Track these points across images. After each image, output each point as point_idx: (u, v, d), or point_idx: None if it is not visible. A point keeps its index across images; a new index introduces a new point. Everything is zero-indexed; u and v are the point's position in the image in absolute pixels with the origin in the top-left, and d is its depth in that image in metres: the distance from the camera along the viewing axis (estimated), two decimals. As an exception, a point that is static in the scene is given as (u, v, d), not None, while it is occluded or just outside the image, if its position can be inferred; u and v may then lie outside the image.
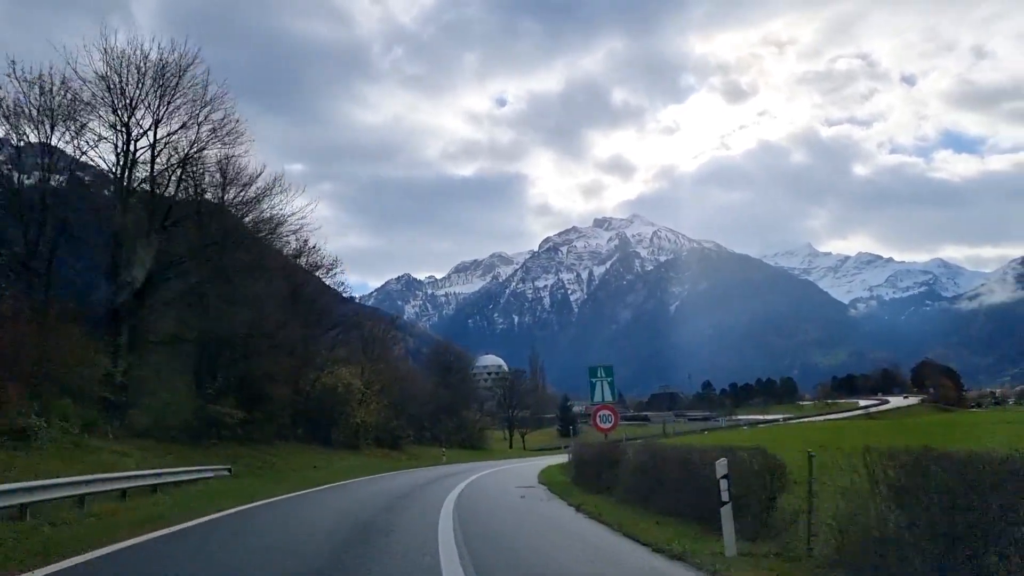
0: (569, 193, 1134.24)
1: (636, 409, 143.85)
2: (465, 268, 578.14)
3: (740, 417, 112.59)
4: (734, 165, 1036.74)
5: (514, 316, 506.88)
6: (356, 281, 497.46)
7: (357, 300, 75.44)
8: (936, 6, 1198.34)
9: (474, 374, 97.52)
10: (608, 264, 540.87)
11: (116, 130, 24.17)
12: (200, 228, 27.43)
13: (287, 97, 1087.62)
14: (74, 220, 24.52)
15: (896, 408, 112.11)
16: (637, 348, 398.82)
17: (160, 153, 24.79)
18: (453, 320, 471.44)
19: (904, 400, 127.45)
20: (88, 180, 26.45)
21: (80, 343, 21.23)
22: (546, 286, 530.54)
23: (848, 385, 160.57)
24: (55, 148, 23.72)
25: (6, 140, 23.27)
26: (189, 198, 27.13)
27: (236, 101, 27.10)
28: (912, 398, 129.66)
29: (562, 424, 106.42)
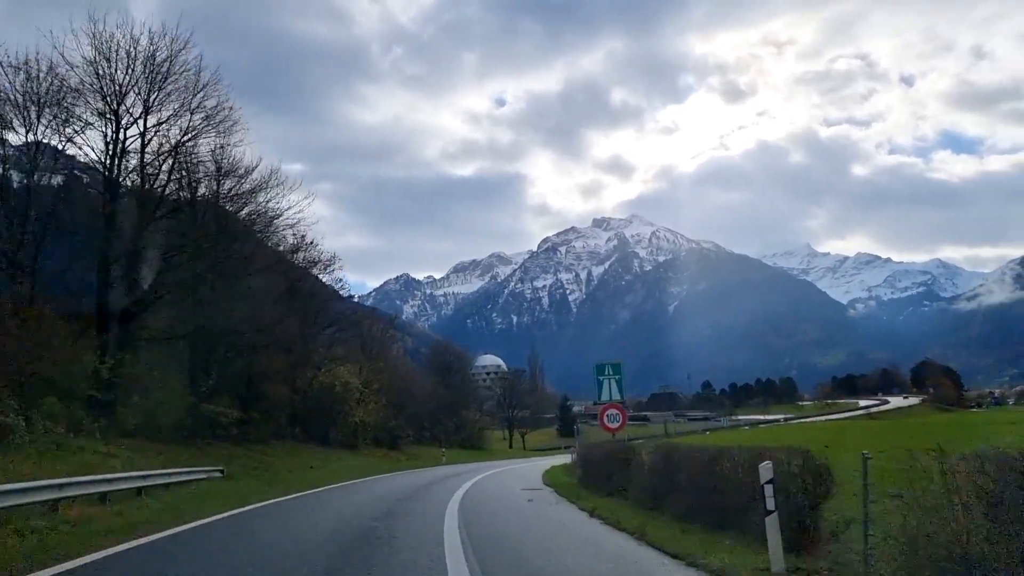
0: (568, 193, 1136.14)
1: (635, 409, 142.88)
2: (464, 268, 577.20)
3: (740, 417, 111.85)
4: (733, 165, 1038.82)
5: (513, 316, 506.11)
6: (355, 281, 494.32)
7: (356, 300, 74.47)
8: (935, 6, 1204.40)
9: (473, 374, 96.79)
10: (607, 264, 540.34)
11: (105, 118, 23.27)
12: (193, 220, 26.55)
13: (286, 97, 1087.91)
14: (61, 212, 23.63)
15: (897, 408, 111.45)
16: (636, 348, 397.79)
17: (150, 142, 23.90)
18: (452, 320, 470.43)
19: (904, 400, 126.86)
20: (76, 170, 25.51)
21: (66, 339, 20.38)
22: (545, 286, 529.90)
23: (848, 385, 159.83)
24: (41, 136, 22.84)
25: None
26: (181, 189, 26.23)
27: (230, 88, 26.21)
28: (912, 398, 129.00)
29: (562, 424, 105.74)
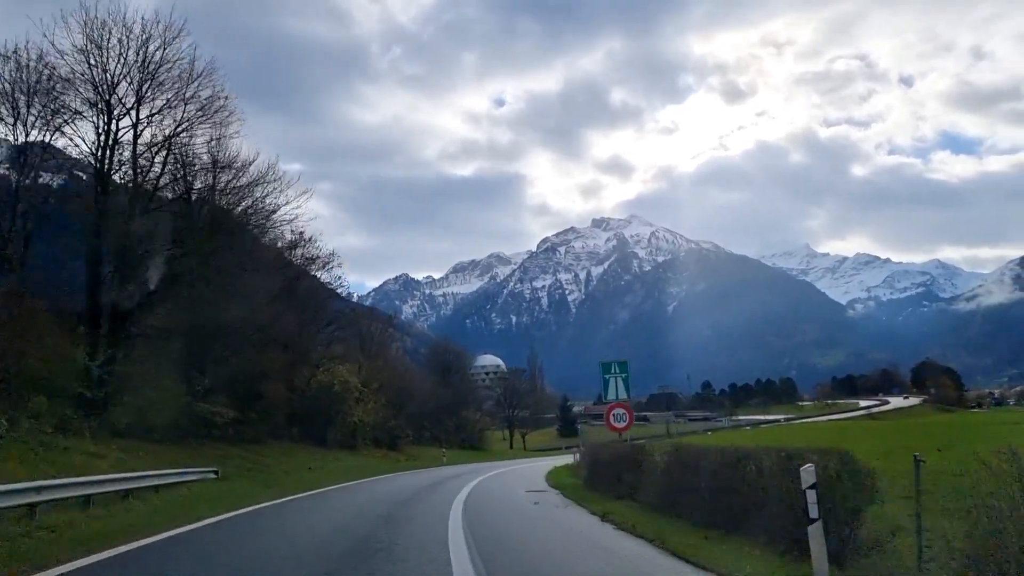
0: (567, 193, 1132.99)
1: (635, 409, 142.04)
2: (463, 268, 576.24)
3: (741, 417, 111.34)
4: (732, 165, 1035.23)
5: (512, 316, 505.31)
6: (354, 281, 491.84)
7: (355, 299, 73.82)
8: (935, 7, 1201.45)
9: (472, 374, 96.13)
10: (606, 264, 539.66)
11: (96, 108, 22.58)
12: (189, 214, 25.87)
13: (286, 97, 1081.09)
14: (52, 205, 22.97)
15: (898, 408, 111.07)
16: (635, 348, 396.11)
17: (143, 133, 23.22)
18: (451, 320, 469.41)
19: (904, 400, 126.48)
20: (67, 164, 24.83)
21: (56, 336, 19.72)
22: (544, 286, 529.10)
23: (847, 385, 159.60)
24: (31, 127, 22.16)
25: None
26: (176, 182, 25.54)
27: (225, 78, 25.50)
28: (913, 398, 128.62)
29: (563, 424, 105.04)
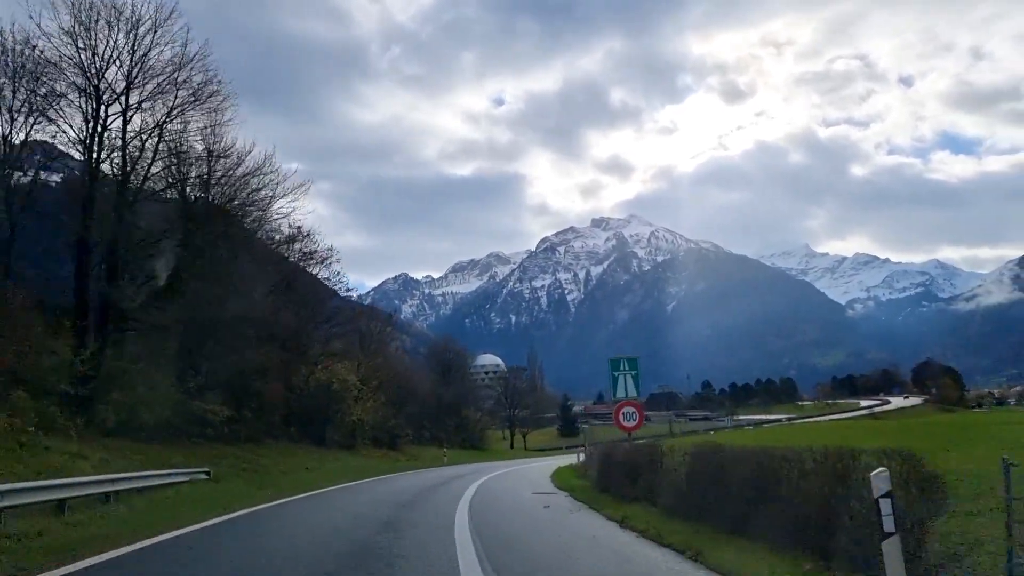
0: (567, 193, 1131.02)
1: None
2: (462, 268, 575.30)
3: (742, 417, 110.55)
4: (732, 165, 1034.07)
5: (511, 316, 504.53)
6: (353, 280, 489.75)
7: (356, 299, 72.86)
8: (934, 7, 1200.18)
9: (472, 373, 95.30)
10: (605, 264, 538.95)
11: (85, 94, 21.68)
12: (182, 204, 24.96)
13: (285, 96, 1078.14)
14: (38, 194, 22.06)
15: (899, 408, 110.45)
16: (634, 348, 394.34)
17: (132, 119, 22.30)
18: (450, 320, 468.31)
19: (905, 400, 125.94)
20: (53, 149, 23.91)
21: (40, 329, 18.83)
22: (543, 286, 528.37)
23: (848, 385, 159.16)
24: (16, 113, 21.26)
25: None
26: (168, 171, 24.64)
27: (218, 65, 24.61)
28: (913, 398, 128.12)
29: (563, 424, 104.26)
